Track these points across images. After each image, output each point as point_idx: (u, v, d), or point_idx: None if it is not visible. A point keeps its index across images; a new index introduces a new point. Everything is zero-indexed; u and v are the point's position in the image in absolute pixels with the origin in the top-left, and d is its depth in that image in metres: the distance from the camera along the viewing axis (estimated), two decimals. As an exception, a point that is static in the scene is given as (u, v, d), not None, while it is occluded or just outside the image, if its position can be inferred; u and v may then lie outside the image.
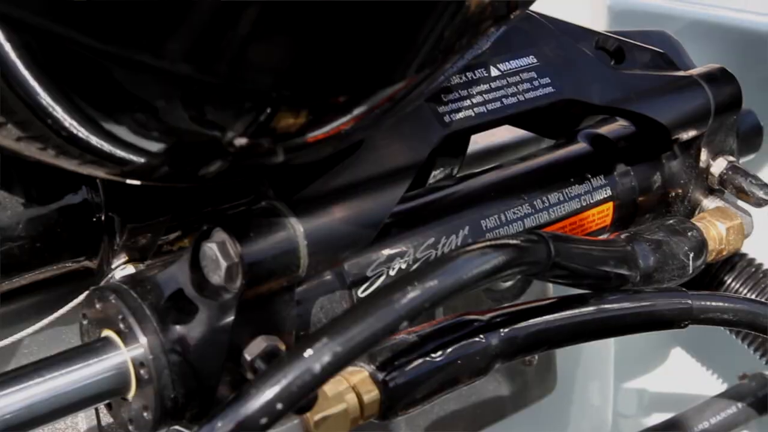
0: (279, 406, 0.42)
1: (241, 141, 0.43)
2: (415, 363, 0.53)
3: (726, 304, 0.60)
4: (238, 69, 0.38)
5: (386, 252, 0.56)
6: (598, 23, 1.07)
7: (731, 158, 0.70)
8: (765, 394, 0.92)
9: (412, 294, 0.45)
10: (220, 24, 0.36)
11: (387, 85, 0.44)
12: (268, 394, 0.42)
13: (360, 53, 0.41)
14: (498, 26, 0.47)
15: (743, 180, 0.69)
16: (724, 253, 0.67)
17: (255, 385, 0.43)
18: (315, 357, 0.43)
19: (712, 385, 1.12)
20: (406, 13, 0.40)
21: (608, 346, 1.13)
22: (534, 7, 0.64)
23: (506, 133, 0.86)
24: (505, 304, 0.57)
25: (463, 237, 0.59)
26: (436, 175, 0.68)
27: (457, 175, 0.68)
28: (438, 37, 0.42)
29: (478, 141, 0.85)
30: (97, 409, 0.59)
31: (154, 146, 0.43)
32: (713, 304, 0.60)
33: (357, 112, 0.45)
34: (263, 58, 0.39)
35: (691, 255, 0.63)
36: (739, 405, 0.91)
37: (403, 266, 0.57)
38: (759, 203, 0.68)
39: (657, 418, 1.00)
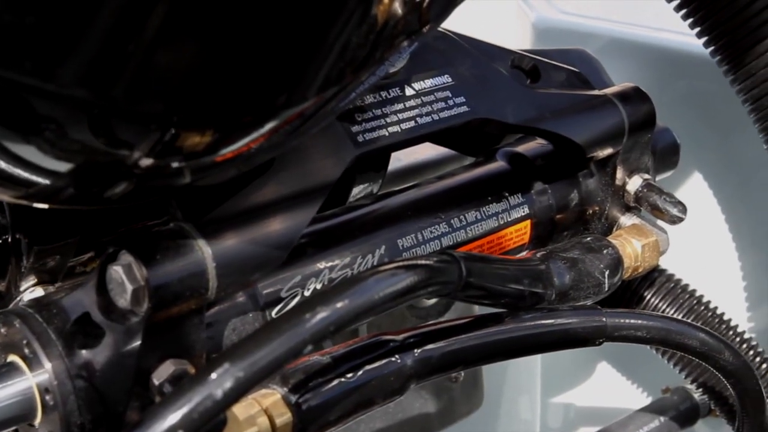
0: (180, 432, 0.41)
1: (146, 162, 0.42)
2: (329, 385, 0.53)
3: (639, 322, 0.61)
4: (135, 93, 0.38)
5: (301, 272, 0.56)
6: (524, 41, 1.08)
7: (647, 176, 0.71)
8: (687, 407, 0.93)
9: (319, 316, 0.45)
10: (111, 48, 0.36)
11: (293, 104, 0.44)
12: (170, 420, 0.42)
13: (261, 73, 0.41)
14: (410, 41, 0.46)
15: (658, 198, 0.69)
16: (640, 270, 0.68)
17: (156, 410, 0.42)
18: (217, 382, 0.42)
19: (636, 398, 1.14)
20: (308, 24, 0.40)
21: (535, 361, 1.14)
22: (462, 25, 0.65)
23: (430, 151, 0.86)
24: (420, 324, 0.57)
25: (379, 256, 0.59)
26: (357, 193, 0.67)
27: (378, 193, 0.68)
28: (343, 51, 0.42)
29: (402, 158, 0.85)
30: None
31: (58, 168, 0.42)
32: (627, 321, 0.60)
33: (264, 130, 0.44)
34: (159, 82, 0.38)
35: (607, 272, 0.64)
36: (662, 418, 0.92)
37: (318, 286, 0.57)
38: (673, 220, 0.69)
39: (583, 432, 1.01)
